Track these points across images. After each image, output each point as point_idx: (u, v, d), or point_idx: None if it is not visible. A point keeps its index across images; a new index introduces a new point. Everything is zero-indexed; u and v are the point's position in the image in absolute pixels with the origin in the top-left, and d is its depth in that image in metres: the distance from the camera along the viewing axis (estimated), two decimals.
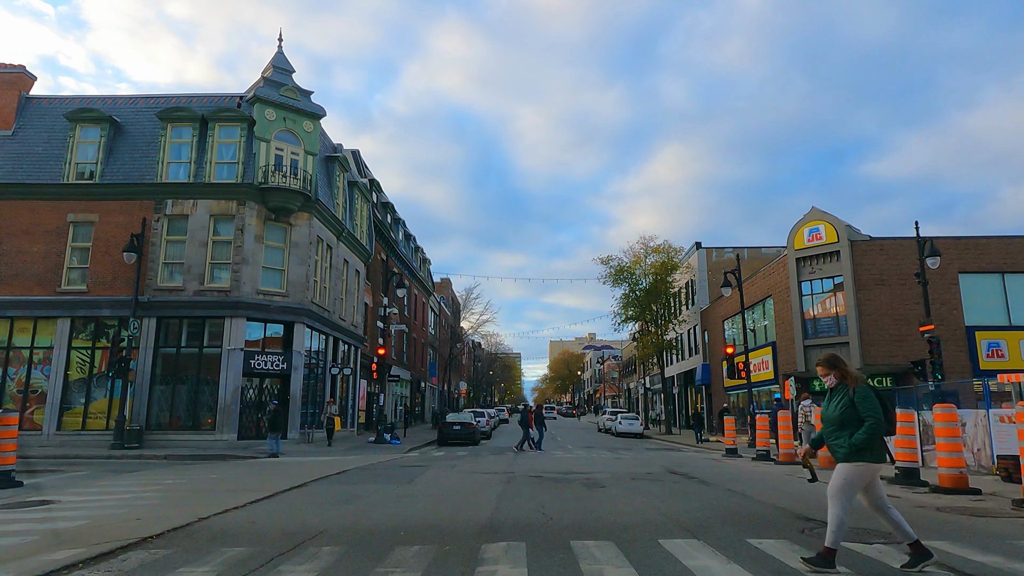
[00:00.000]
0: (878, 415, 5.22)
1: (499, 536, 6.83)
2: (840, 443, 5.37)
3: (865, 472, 5.31)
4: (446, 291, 70.30)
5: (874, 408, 5.24)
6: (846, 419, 5.34)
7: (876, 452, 5.28)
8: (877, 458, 5.29)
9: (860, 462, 5.26)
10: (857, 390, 5.36)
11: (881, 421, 5.23)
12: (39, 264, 23.45)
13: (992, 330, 26.44)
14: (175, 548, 6.31)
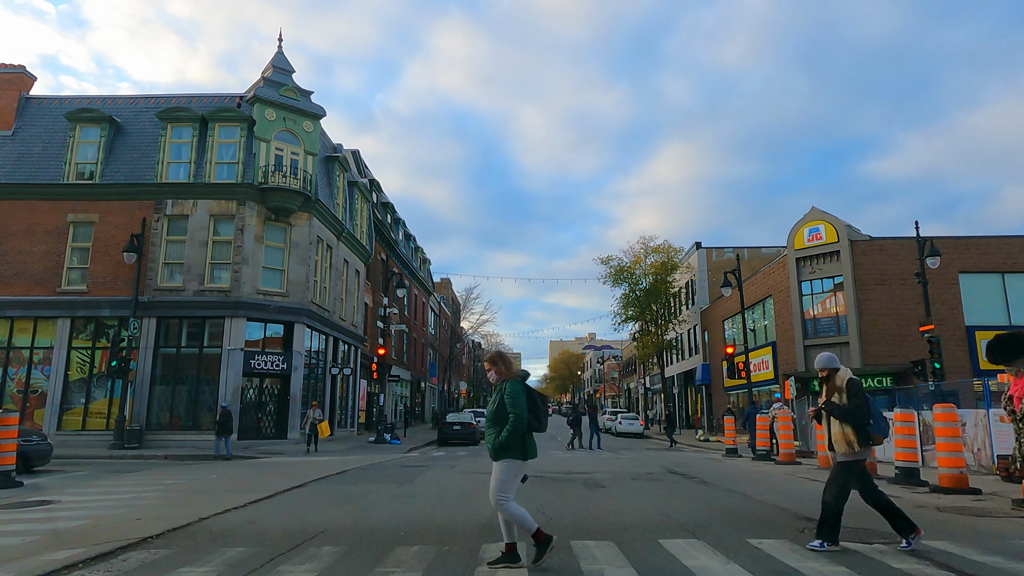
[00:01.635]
0: (521, 412, 5.14)
1: (499, 536, 6.82)
2: (490, 439, 5.31)
3: (513, 468, 5.24)
4: (446, 291, 70.30)
5: (519, 406, 5.16)
6: (498, 415, 5.27)
7: (520, 450, 5.20)
8: (520, 455, 5.21)
9: (506, 459, 5.19)
10: (507, 386, 5.28)
11: (523, 418, 5.13)
12: (39, 264, 23.45)
13: (992, 330, 26.33)
14: (175, 548, 6.30)
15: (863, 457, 6.19)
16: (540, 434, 5.74)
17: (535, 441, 5.44)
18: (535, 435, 5.46)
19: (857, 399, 6.03)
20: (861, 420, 6.01)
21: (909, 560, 5.68)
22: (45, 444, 14.73)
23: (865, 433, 6.05)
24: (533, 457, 5.37)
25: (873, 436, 6.15)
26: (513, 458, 5.20)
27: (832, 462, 6.31)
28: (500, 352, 5.50)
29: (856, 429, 6.04)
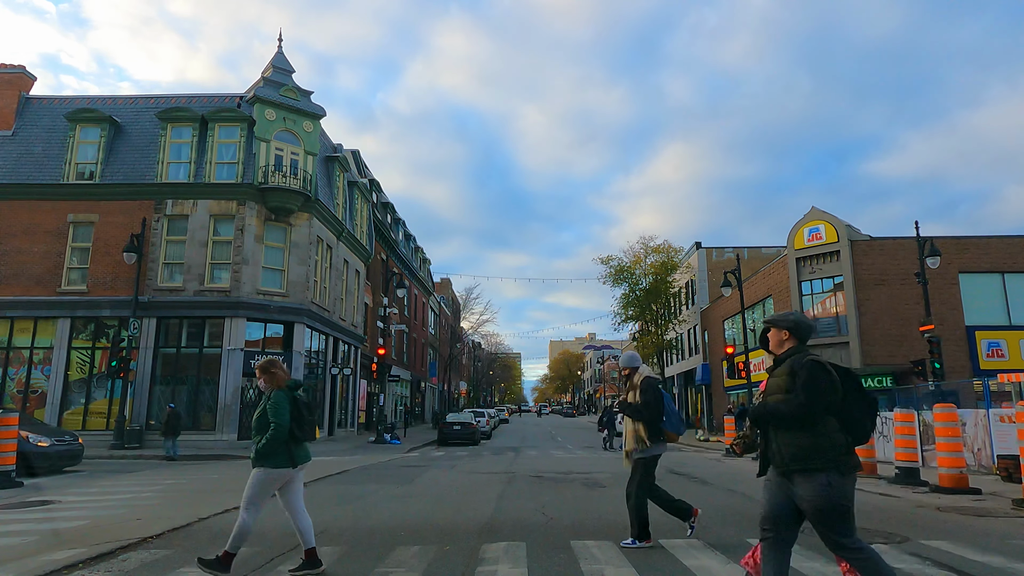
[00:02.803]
0: (282, 422, 5.12)
1: (499, 536, 6.84)
2: (253, 447, 5.31)
3: (269, 478, 5.22)
4: (446, 291, 70.31)
5: (280, 415, 5.14)
6: (260, 424, 5.26)
7: (278, 458, 5.17)
8: (278, 463, 5.18)
9: (262, 467, 5.18)
10: (272, 395, 5.28)
11: (283, 427, 5.12)
12: (39, 264, 23.45)
13: (992, 330, 26.43)
14: (175, 548, 6.31)
15: (656, 452, 6.36)
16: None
17: (308, 449, 5.45)
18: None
19: (646, 397, 6.24)
20: (649, 418, 6.22)
21: (909, 560, 5.69)
22: (77, 445, 14.93)
23: (656, 430, 6.28)
24: (304, 462, 5.38)
25: (666, 433, 6.37)
26: (275, 466, 5.17)
27: (630, 459, 6.44)
28: (272, 360, 5.48)
29: (647, 426, 6.24)
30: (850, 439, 3.68)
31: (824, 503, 3.56)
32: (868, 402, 3.75)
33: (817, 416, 3.62)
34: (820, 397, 3.61)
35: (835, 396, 3.65)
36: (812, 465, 3.60)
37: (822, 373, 3.65)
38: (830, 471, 3.57)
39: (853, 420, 3.69)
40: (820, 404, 3.61)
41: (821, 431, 3.62)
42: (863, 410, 3.73)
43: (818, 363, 3.70)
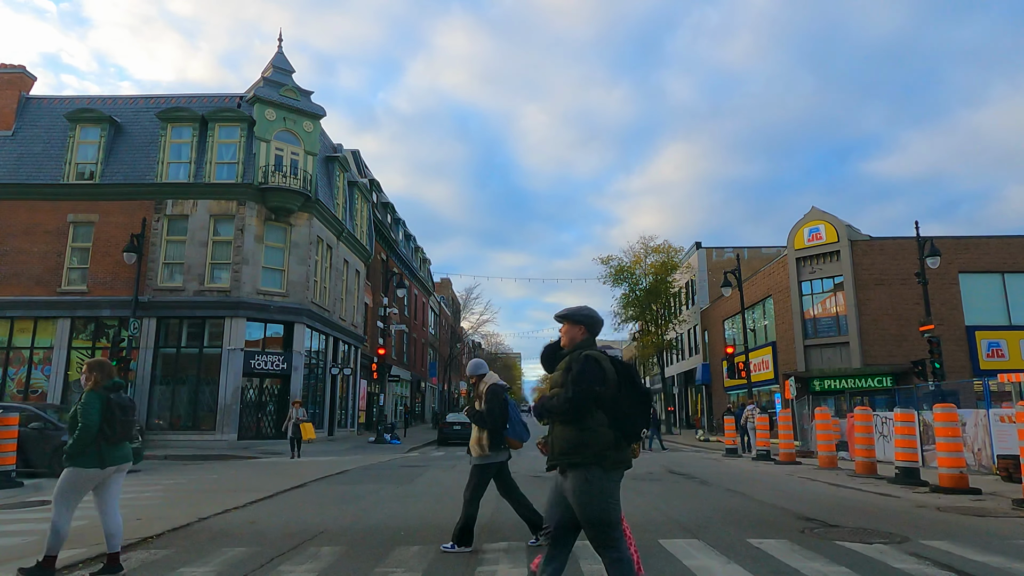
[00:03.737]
0: (88, 422, 5.13)
1: (499, 536, 6.84)
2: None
3: (77, 478, 5.21)
4: (446, 291, 70.29)
5: (88, 415, 5.17)
6: (73, 424, 5.28)
7: (87, 458, 5.17)
8: (86, 463, 5.18)
9: (71, 467, 5.18)
10: (84, 395, 5.31)
11: (90, 428, 5.13)
12: (39, 264, 23.45)
13: (992, 330, 26.44)
14: (175, 548, 6.31)
15: (497, 460, 6.44)
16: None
17: (127, 449, 5.48)
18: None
19: (489, 405, 6.27)
20: (492, 426, 6.27)
21: (909, 560, 5.69)
22: (139, 443, 14.99)
23: (499, 438, 6.36)
24: (119, 463, 5.39)
25: (509, 440, 6.50)
26: (83, 466, 5.17)
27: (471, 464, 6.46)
28: (99, 361, 5.51)
29: (489, 434, 6.28)
30: (619, 435, 3.58)
31: (582, 498, 3.50)
32: (642, 397, 3.68)
33: (584, 410, 3.54)
34: (587, 391, 3.52)
35: (605, 390, 3.56)
36: (576, 459, 3.53)
37: (593, 367, 3.57)
38: (592, 466, 3.50)
39: (624, 415, 3.60)
40: (587, 398, 3.53)
41: (588, 425, 3.54)
42: (635, 405, 3.64)
43: (591, 357, 3.61)
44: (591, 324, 3.86)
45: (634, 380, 3.67)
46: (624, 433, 3.60)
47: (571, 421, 3.57)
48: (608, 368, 3.61)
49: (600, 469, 3.50)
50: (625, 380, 3.64)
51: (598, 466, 3.50)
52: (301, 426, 18.86)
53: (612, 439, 3.54)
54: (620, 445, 3.58)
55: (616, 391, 3.60)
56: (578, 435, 3.55)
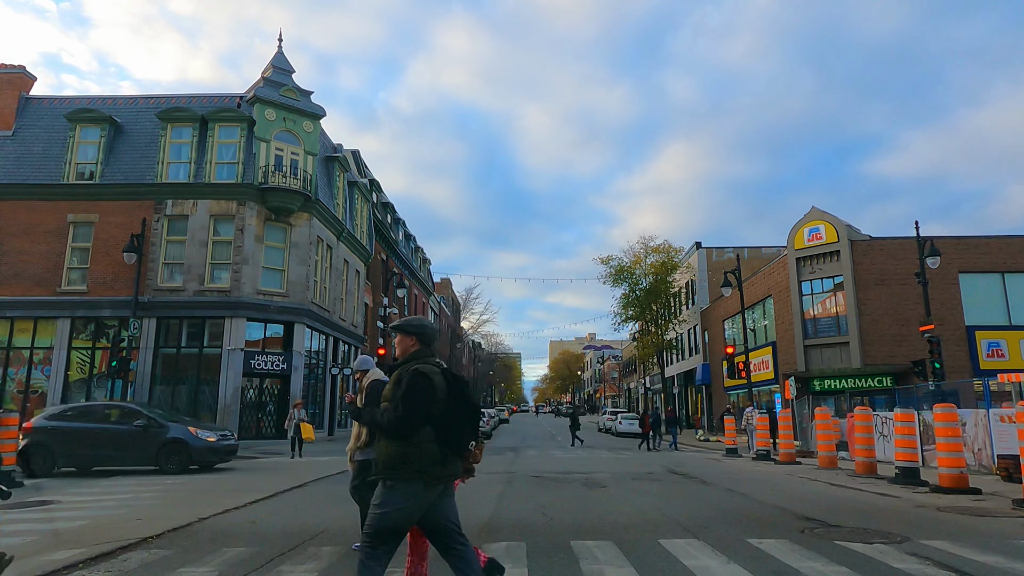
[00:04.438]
0: None
1: (499, 536, 6.83)
2: None
3: None
4: (446, 291, 70.31)
5: None
6: None
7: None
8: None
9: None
10: None
11: None
12: (39, 264, 23.46)
13: (992, 330, 26.43)
14: (175, 548, 6.31)
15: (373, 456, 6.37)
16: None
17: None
18: None
19: (367, 400, 6.21)
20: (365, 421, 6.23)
21: (909, 560, 5.69)
22: (235, 441, 15.76)
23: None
24: None
25: None
26: None
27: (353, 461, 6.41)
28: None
29: (368, 430, 6.21)
30: (445, 449, 3.57)
31: (383, 505, 3.50)
32: (471, 412, 3.67)
33: (415, 429, 3.52)
34: (416, 410, 3.51)
35: (434, 407, 3.55)
36: (398, 475, 3.51)
37: (421, 384, 3.55)
38: (414, 481, 3.49)
39: (452, 430, 3.59)
40: (416, 417, 3.51)
41: (414, 441, 3.52)
42: (464, 420, 3.64)
43: (420, 373, 3.59)
44: (422, 334, 3.84)
45: (465, 394, 3.67)
46: (451, 448, 3.59)
47: (396, 438, 3.55)
48: (439, 383, 3.61)
49: (421, 484, 3.49)
50: (456, 395, 3.64)
51: (419, 481, 3.49)
52: (301, 426, 18.83)
53: (438, 454, 3.53)
54: (446, 460, 3.57)
55: (446, 406, 3.59)
56: (403, 450, 3.52)
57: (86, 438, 13.79)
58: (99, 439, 13.84)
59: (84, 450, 13.86)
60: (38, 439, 13.65)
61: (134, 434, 13.89)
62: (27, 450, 13.41)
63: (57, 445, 13.64)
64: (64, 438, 13.74)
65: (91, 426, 14.00)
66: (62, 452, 13.69)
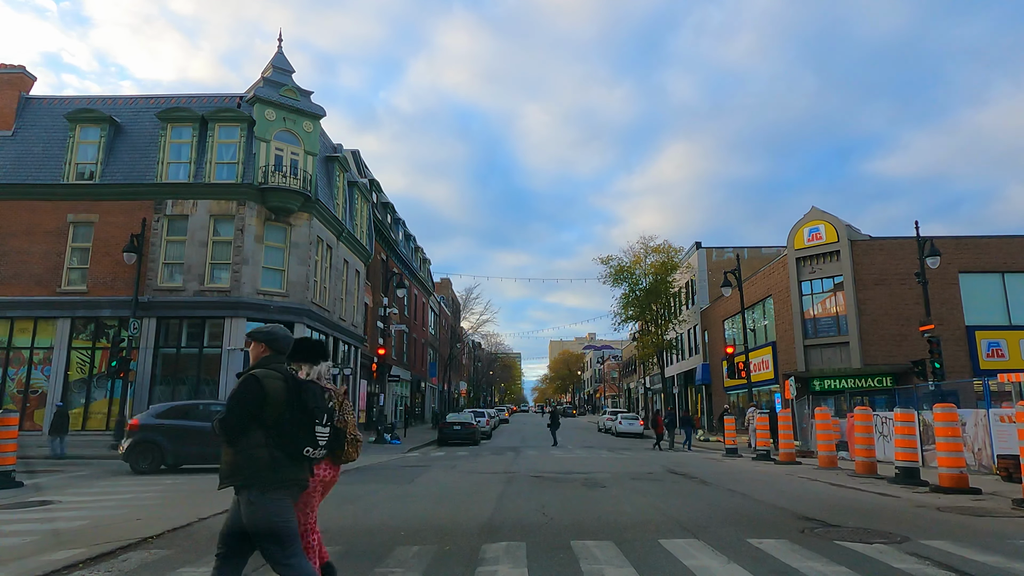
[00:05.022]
0: None
1: (499, 536, 6.84)
2: None
3: None
4: (446, 291, 70.31)
5: None
6: None
7: None
8: None
9: None
10: None
11: None
12: (39, 264, 23.45)
13: (992, 330, 26.43)
14: (175, 548, 6.31)
15: None
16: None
17: None
18: None
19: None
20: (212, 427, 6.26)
21: (909, 560, 5.69)
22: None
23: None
24: None
25: None
26: None
27: None
28: None
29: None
30: (280, 454, 3.58)
31: (250, 520, 3.50)
32: (307, 417, 3.68)
33: (237, 433, 3.54)
34: (238, 412, 3.54)
35: (266, 412, 3.57)
36: (234, 481, 3.54)
37: (250, 389, 3.58)
38: (251, 488, 3.51)
39: (285, 435, 3.61)
40: (238, 419, 3.54)
41: (243, 446, 3.55)
42: (299, 425, 3.65)
43: (250, 377, 3.63)
44: (271, 341, 3.87)
45: (302, 399, 3.69)
46: (286, 452, 3.60)
47: (229, 443, 3.59)
48: (272, 388, 3.62)
49: (256, 490, 3.51)
50: (293, 400, 3.66)
51: (254, 487, 3.51)
52: None
53: (268, 459, 3.54)
54: (278, 465, 3.57)
55: (281, 411, 3.61)
56: (233, 457, 3.56)
57: (193, 436, 14.14)
58: (205, 437, 13.97)
59: (191, 447, 14.25)
60: (147, 436, 14.07)
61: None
62: (136, 446, 13.90)
63: (166, 442, 14.09)
64: (172, 435, 14.18)
65: (197, 424, 14.36)
66: (170, 449, 14.15)
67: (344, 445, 4.46)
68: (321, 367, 4.57)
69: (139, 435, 14.03)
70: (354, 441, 4.54)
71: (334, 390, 4.58)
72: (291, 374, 3.81)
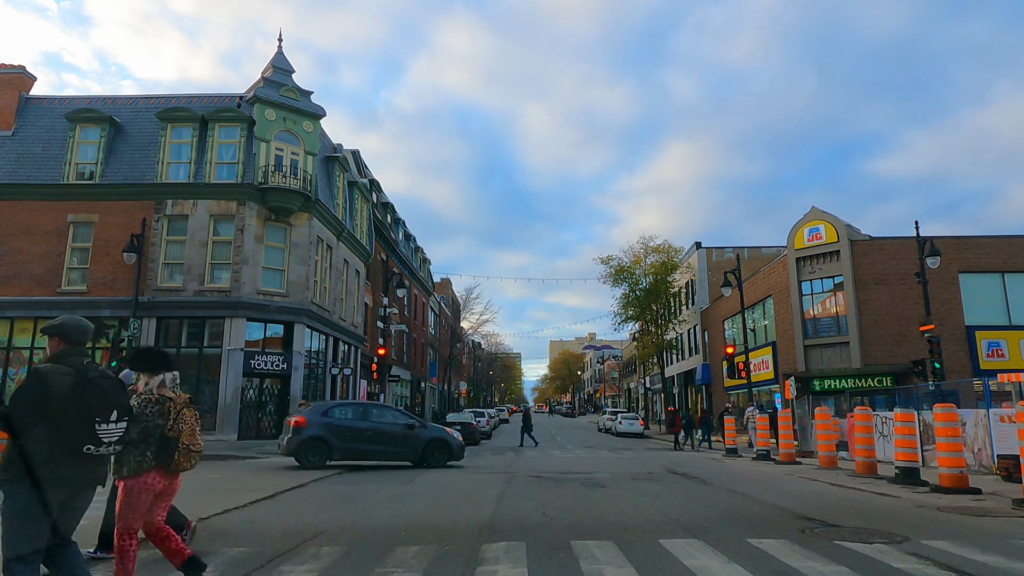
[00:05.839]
0: None
1: (499, 536, 6.83)
2: None
3: None
4: (446, 291, 70.30)
5: None
6: None
7: None
8: None
9: None
10: None
11: None
12: (39, 264, 23.45)
13: (992, 330, 26.43)
14: None
15: None
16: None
17: None
18: None
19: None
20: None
21: (909, 560, 5.69)
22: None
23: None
24: None
25: None
26: None
27: None
28: None
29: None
30: (60, 451, 3.52)
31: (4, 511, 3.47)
32: (90, 413, 3.61)
33: (16, 428, 3.50)
34: (17, 407, 3.51)
35: (49, 407, 3.51)
36: (6, 475, 3.49)
37: (32, 384, 3.56)
38: (17, 483, 3.45)
39: (66, 431, 3.55)
40: (16, 414, 3.50)
41: (21, 441, 3.49)
42: (81, 421, 3.58)
43: (34, 372, 3.62)
44: (63, 334, 3.84)
45: (86, 397, 3.62)
46: (66, 449, 3.56)
47: (13, 437, 3.55)
48: (58, 383, 3.58)
49: (25, 487, 3.46)
50: (78, 396, 3.60)
51: (23, 484, 3.46)
52: None
53: (45, 455, 3.50)
54: (56, 461, 3.53)
55: (66, 407, 3.56)
56: (10, 450, 3.51)
57: (360, 435, 15.11)
58: (371, 436, 15.19)
59: (358, 445, 15.07)
60: (316, 433, 14.74)
61: (402, 433, 15.47)
62: (306, 443, 14.60)
63: (335, 440, 14.82)
64: (340, 434, 14.95)
65: (363, 423, 15.38)
66: (338, 447, 14.84)
67: (175, 455, 4.46)
68: (163, 377, 4.63)
69: (308, 432, 14.71)
70: (186, 451, 4.53)
71: (174, 399, 4.60)
72: (85, 369, 3.74)
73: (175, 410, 4.54)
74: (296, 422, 14.90)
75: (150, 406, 4.49)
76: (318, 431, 14.81)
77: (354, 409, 16.29)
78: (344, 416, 15.55)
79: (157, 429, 4.46)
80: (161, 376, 4.61)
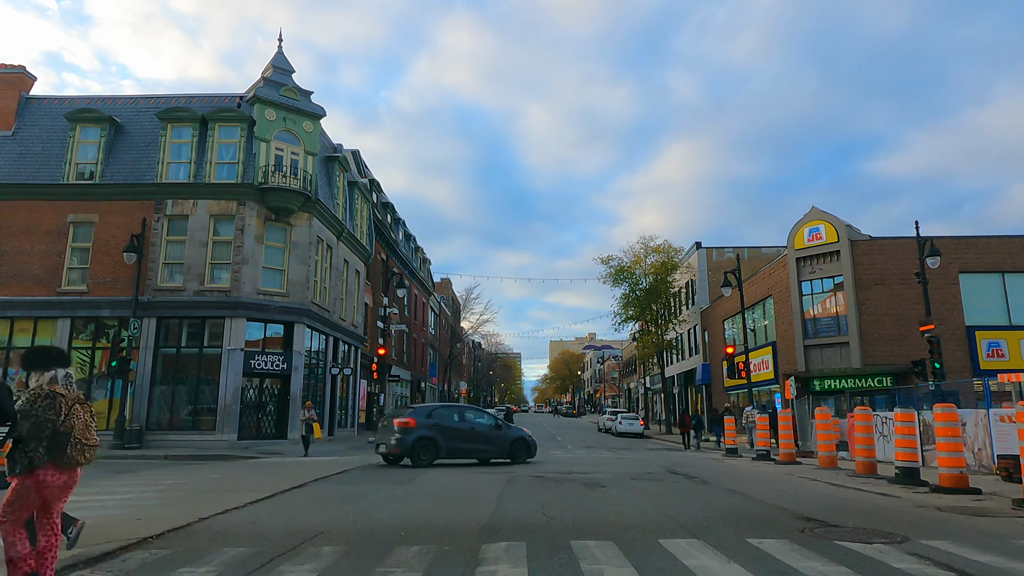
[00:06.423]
0: None
1: (499, 536, 6.84)
2: None
3: None
4: (446, 291, 70.31)
5: None
6: None
7: None
8: None
9: None
10: None
11: None
12: (39, 264, 23.45)
13: (992, 330, 26.42)
14: (175, 548, 6.31)
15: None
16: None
17: None
18: None
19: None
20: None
21: (909, 560, 5.69)
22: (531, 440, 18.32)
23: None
24: None
25: None
26: None
27: None
28: None
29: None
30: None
31: None
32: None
33: None
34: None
35: None
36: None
37: None
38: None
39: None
40: None
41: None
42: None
43: None
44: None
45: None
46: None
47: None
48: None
49: None
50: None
51: None
52: (313, 426, 20.46)
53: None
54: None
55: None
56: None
57: (461, 434, 16.46)
58: (470, 435, 16.58)
59: (460, 444, 16.32)
60: (426, 434, 15.80)
61: (492, 433, 16.97)
62: (418, 443, 15.57)
63: (441, 439, 15.95)
64: (446, 434, 16.14)
65: (463, 424, 16.75)
66: (444, 446, 15.95)
67: (67, 449, 4.49)
68: (55, 373, 4.67)
69: (418, 433, 15.67)
70: (80, 445, 4.56)
71: (65, 395, 4.63)
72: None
73: (67, 405, 4.57)
74: (405, 423, 15.77)
75: (40, 400, 4.53)
76: (427, 432, 15.80)
77: (454, 411, 17.49)
78: (448, 417, 16.75)
79: (48, 424, 4.49)
80: (52, 372, 4.65)
